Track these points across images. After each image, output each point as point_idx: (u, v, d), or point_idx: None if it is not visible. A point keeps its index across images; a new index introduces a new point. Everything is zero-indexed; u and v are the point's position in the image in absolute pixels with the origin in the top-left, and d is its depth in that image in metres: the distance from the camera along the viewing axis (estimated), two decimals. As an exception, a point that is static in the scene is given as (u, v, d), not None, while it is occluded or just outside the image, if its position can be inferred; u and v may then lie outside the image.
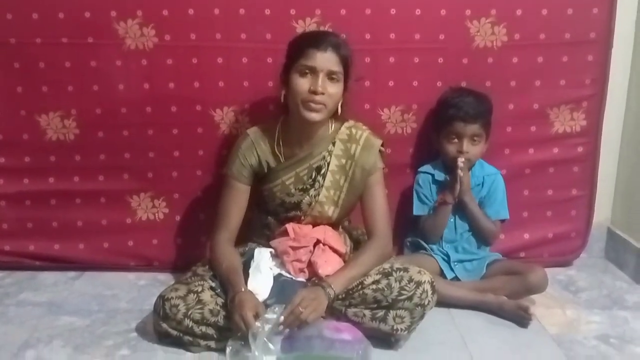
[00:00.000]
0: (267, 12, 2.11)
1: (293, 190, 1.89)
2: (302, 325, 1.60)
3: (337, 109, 1.84)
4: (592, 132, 2.28)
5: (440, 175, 2.16)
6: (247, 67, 2.14)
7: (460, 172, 2.04)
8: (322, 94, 1.74)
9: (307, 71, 1.75)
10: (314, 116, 1.77)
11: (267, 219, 1.95)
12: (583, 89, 2.24)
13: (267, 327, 1.57)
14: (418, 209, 2.19)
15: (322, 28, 2.10)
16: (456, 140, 2.10)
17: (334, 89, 1.77)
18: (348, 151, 1.89)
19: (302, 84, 1.75)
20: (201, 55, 2.13)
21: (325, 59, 1.74)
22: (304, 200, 1.89)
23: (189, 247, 2.29)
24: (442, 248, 2.16)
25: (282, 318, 1.60)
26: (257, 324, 1.56)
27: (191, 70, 2.14)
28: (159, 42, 2.11)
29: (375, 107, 2.19)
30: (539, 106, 2.24)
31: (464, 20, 2.15)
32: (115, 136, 2.19)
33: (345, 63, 1.78)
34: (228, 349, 1.61)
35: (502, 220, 2.20)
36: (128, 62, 2.13)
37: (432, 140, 2.18)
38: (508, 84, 2.21)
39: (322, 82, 1.74)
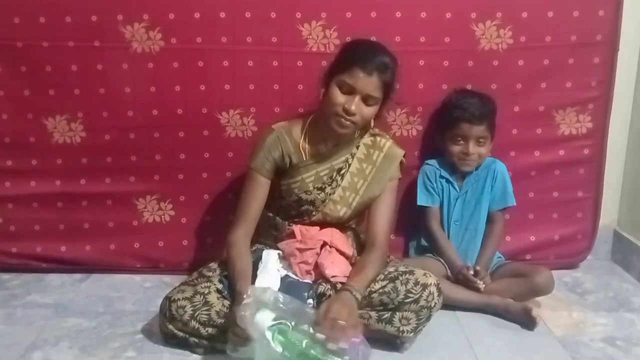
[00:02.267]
0: (273, 15, 2.11)
1: (311, 188, 1.89)
2: (342, 334, 1.54)
3: (370, 122, 1.85)
4: (598, 134, 2.28)
5: (446, 174, 2.16)
6: (252, 70, 2.15)
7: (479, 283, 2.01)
8: (354, 114, 1.74)
9: (345, 87, 1.75)
10: (342, 131, 1.79)
11: (275, 219, 1.95)
12: (589, 91, 2.23)
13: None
14: (422, 199, 2.18)
15: (327, 31, 2.10)
16: (462, 142, 2.10)
17: (368, 112, 1.78)
18: (370, 157, 1.90)
19: (339, 98, 1.75)
20: (207, 59, 2.14)
21: (367, 83, 1.73)
22: (318, 197, 1.90)
23: (195, 249, 2.30)
24: None
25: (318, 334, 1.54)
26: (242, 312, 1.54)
27: (197, 73, 2.15)
28: (165, 45, 2.12)
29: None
30: (545, 108, 2.23)
31: (470, 23, 2.15)
32: (122, 139, 2.20)
33: (388, 87, 1.78)
34: (229, 343, 1.60)
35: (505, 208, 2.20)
36: (134, 65, 2.14)
37: (436, 142, 2.19)
38: (514, 87, 2.20)
39: (357, 104, 1.74)
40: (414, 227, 2.27)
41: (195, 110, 2.18)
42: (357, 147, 1.91)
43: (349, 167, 1.90)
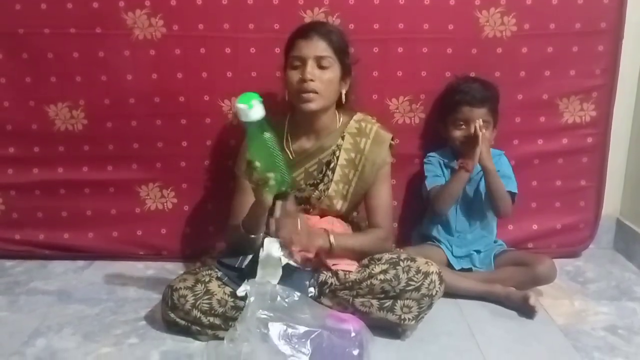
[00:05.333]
0: (275, 1, 2.10)
1: (304, 186, 1.89)
2: (289, 242, 1.69)
3: (341, 99, 1.83)
4: (602, 123, 2.27)
5: (450, 163, 2.16)
6: (255, 57, 2.14)
7: (480, 133, 2.00)
8: (312, 80, 1.73)
9: (297, 63, 1.76)
10: (310, 106, 1.76)
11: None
12: (593, 79, 2.22)
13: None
14: (431, 182, 2.14)
15: (330, 18, 2.10)
16: (464, 126, 2.09)
17: (326, 75, 1.76)
18: (357, 145, 1.88)
19: (293, 75, 1.76)
20: (209, 46, 2.13)
21: (310, 46, 1.74)
22: (313, 195, 1.89)
23: (197, 237, 2.30)
24: (450, 235, 2.16)
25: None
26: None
27: (199, 61, 2.14)
28: (167, 32, 2.12)
29: (384, 97, 2.18)
30: (549, 97, 2.22)
31: (473, 10, 2.13)
32: (124, 126, 2.20)
33: (337, 48, 1.77)
34: (226, 338, 1.61)
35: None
36: (136, 52, 2.14)
37: (439, 130, 2.18)
38: (517, 75, 2.19)
39: (309, 69, 1.73)
40: (416, 216, 2.27)
41: (197, 98, 2.17)
42: (343, 138, 1.88)
43: (337, 159, 1.88)
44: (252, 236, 1.74)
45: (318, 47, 1.75)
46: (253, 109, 1.50)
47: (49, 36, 2.12)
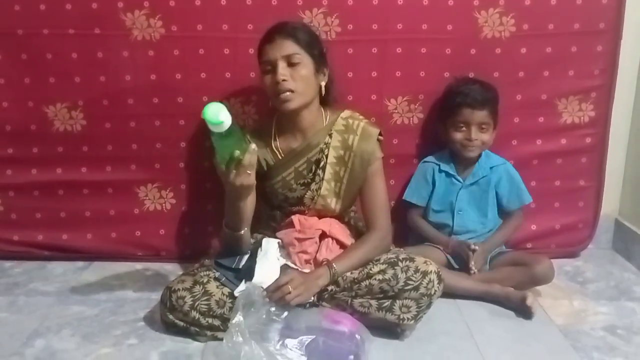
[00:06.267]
0: (274, 2, 2.10)
1: (295, 186, 1.89)
2: (283, 304, 1.63)
3: (321, 93, 1.83)
4: (601, 123, 2.27)
5: (445, 167, 2.16)
6: (253, 58, 2.11)
7: (471, 261, 2.03)
8: (285, 80, 1.74)
9: (267, 67, 1.77)
10: (288, 105, 1.77)
11: (272, 211, 1.95)
12: (592, 79, 2.22)
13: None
14: (409, 195, 2.19)
15: (328, 18, 2.10)
16: (464, 128, 2.09)
17: (299, 72, 1.76)
18: (346, 142, 1.87)
19: (267, 80, 1.78)
20: (208, 46, 2.13)
21: (276, 48, 1.75)
22: (306, 195, 1.89)
23: (196, 238, 2.30)
24: (447, 236, 2.16)
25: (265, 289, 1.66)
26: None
27: (198, 61, 2.14)
28: (166, 33, 2.12)
29: (382, 97, 2.18)
30: (547, 97, 2.22)
31: (472, 11, 2.13)
32: (122, 127, 2.20)
33: (304, 43, 1.77)
34: (225, 339, 1.61)
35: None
36: (135, 53, 2.13)
37: (438, 132, 2.18)
38: (516, 75, 2.19)
39: (281, 70, 1.74)
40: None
41: (196, 98, 2.16)
42: (330, 135, 1.88)
43: (326, 158, 1.88)
44: (237, 233, 1.75)
45: (283, 46, 1.75)
46: (223, 116, 1.45)
47: (48, 37, 2.12)
